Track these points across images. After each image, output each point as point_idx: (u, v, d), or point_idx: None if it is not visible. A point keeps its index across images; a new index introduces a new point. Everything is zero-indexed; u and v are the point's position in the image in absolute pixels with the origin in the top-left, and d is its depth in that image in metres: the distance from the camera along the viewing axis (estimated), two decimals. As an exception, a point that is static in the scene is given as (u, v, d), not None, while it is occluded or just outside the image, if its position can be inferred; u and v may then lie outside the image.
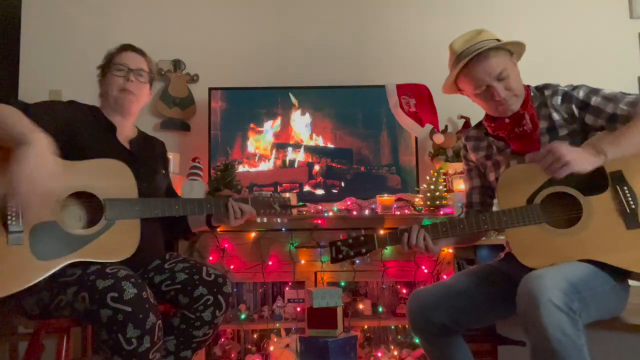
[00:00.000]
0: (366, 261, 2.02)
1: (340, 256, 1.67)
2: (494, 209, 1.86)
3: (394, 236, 1.66)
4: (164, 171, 1.98)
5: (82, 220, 1.65)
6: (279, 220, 2.21)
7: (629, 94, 1.61)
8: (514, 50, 1.72)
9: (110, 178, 1.65)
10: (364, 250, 1.67)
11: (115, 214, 1.63)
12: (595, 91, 1.63)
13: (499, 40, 1.68)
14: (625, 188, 1.55)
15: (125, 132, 1.89)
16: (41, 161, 1.39)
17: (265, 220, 2.21)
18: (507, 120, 1.70)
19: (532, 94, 1.71)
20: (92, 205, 1.64)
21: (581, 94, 1.64)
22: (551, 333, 1.30)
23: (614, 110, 1.57)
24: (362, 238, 1.67)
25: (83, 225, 1.63)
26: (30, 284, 1.49)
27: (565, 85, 1.70)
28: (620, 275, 1.53)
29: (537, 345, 1.34)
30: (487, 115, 1.79)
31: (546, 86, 1.72)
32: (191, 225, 1.95)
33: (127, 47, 1.91)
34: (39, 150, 1.39)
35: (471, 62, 1.66)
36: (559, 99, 1.66)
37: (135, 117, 1.93)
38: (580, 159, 1.45)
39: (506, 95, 1.66)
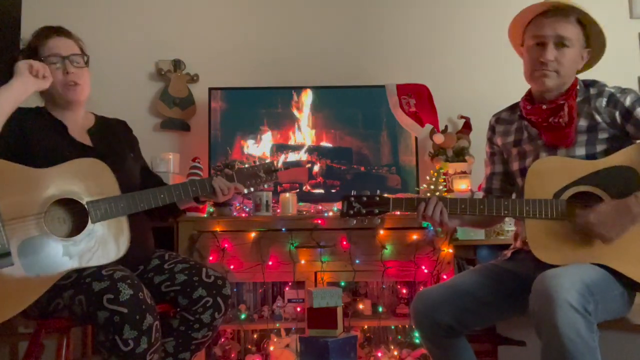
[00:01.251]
0: (375, 223, 1.87)
1: (352, 212, 1.62)
2: (513, 196, 1.81)
3: (410, 203, 1.61)
4: (132, 154, 1.89)
5: (69, 227, 1.62)
6: (266, 185, 2.09)
7: None
8: (593, 42, 1.67)
9: (88, 178, 1.61)
10: (377, 211, 1.61)
11: (101, 215, 1.59)
12: None
13: (597, 23, 1.65)
14: None
15: (80, 124, 1.80)
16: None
17: (252, 190, 2.12)
18: (544, 107, 1.64)
19: (578, 87, 1.66)
20: (76, 210, 1.61)
21: (628, 101, 1.58)
22: (565, 334, 1.28)
23: None
24: (377, 198, 1.62)
25: (71, 231, 1.60)
26: (30, 303, 1.48)
27: (614, 86, 1.64)
28: (630, 284, 1.51)
29: (550, 345, 1.32)
30: (526, 95, 1.74)
31: (593, 83, 1.67)
32: (179, 204, 1.88)
33: (49, 33, 1.74)
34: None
35: (549, 11, 1.62)
36: (603, 101, 1.61)
37: (84, 104, 1.82)
38: (621, 230, 1.44)
39: (551, 64, 1.60)
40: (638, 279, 1.48)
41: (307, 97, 2.78)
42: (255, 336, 2.52)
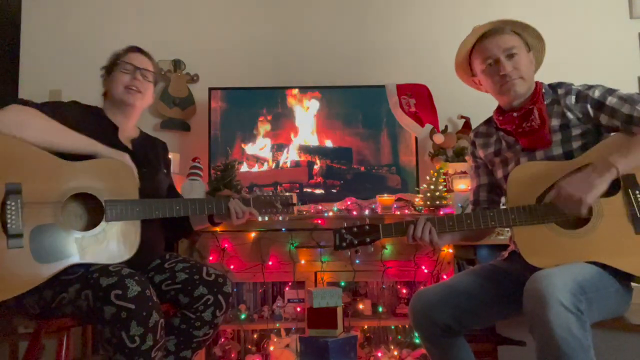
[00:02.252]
0: (369, 250, 1.97)
1: (344, 244, 1.65)
2: (501, 207, 1.85)
3: (399, 227, 1.64)
4: (165, 171, 1.98)
5: (83, 222, 1.64)
6: (280, 218, 2.19)
7: None
8: (532, 44, 1.74)
9: (111, 179, 1.65)
10: (368, 240, 1.64)
11: (116, 215, 1.62)
12: (611, 91, 1.63)
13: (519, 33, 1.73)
14: (637, 192, 1.54)
15: (127, 132, 1.89)
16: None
17: (266, 218, 2.20)
18: (515, 114, 1.69)
19: (543, 90, 1.71)
20: (92, 207, 1.63)
21: (597, 93, 1.63)
22: (558, 333, 1.29)
23: (631, 112, 1.56)
24: (367, 227, 1.65)
25: (84, 227, 1.63)
26: (31, 287, 1.48)
27: (580, 84, 1.70)
28: (624, 278, 1.53)
29: (544, 345, 1.33)
30: (497, 108, 1.80)
31: (559, 84, 1.72)
32: (193, 224, 1.95)
33: (134, 49, 1.93)
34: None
35: (486, 35, 1.70)
36: (572, 99, 1.66)
37: (137, 118, 1.93)
38: (590, 187, 1.45)
39: (512, 72, 1.67)
40: (631, 270, 1.50)
41: (307, 97, 2.79)
42: (255, 336, 2.52)
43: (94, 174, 1.62)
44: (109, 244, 1.60)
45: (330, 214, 2.39)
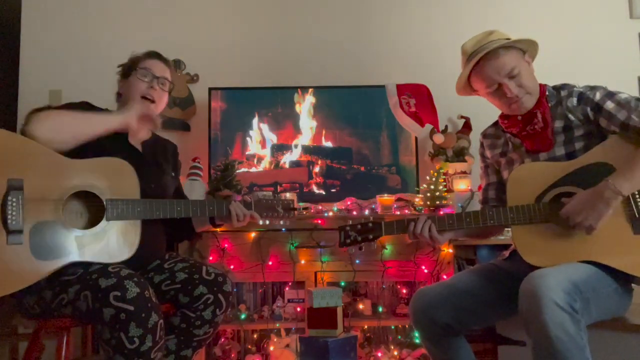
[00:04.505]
0: (372, 247, 2.01)
1: (348, 241, 1.71)
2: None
3: (400, 225, 1.69)
4: (173, 174, 1.97)
5: (84, 220, 1.64)
6: (281, 222, 2.21)
7: None
8: (527, 48, 1.72)
9: (113, 177, 1.64)
10: (370, 237, 1.70)
11: (117, 214, 1.62)
12: (611, 95, 1.62)
13: (509, 39, 1.69)
14: (636, 193, 1.54)
15: (138, 135, 1.88)
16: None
17: (267, 222, 2.21)
18: (519, 118, 1.70)
19: (547, 93, 1.71)
20: (94, 205, 1.63)
21: (597, 96, 1.63)
22: (553, 332, 1.29)
23: (626, 120, 1.56)
24: (370, 224, 1.71)
25: (84, 225, 1.63)
26: (29, 284, 1.48)
27: (583, 85, 1.69)
28: (623, 279, 1.53)
29: (539, 345, 1.33)
30: (502, 113, 1.80)
31: (563, 86, 1.72)
32: (195, 226, 1.95)
33: (154, 55, 1.92)
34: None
35: (482, 61, 1.68)
36: (574, 100, 1.66)
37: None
38: (599, 216, 1.47)
39: (518, 93, 1.67)
40: (629, 270, 1.50)
41: (307, 97, 2.79)
42: (255, 336, 2.52)
43: (96, 172, 1.62)
44: (109, 242, 1.60)
45: (330, 214, 2.39)
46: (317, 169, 2.75)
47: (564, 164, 1.62)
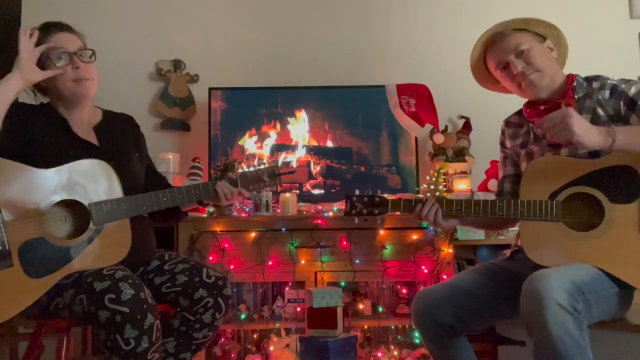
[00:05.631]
0: (377, 223, 2.05)
1: (354, 211, 1.70)
2: None
3: (407, 204, 1.67)
4: (137, 154, 1.85)
5: (69, 225, 1.60)
6: (269, 189, 2.06)
7: None
8: (546, 33, 1.72)
9: (91, 180, 1.59)
10: (376, 211, 1.69)
11: (103, 217, 1.58)
12: None
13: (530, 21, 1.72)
14: None
15: (86, 120, 1.77)
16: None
17: (255, 193, 2.13)
18: (542, 108, 1.66)
19: (575, 83, 1.66)
20: (78, 212, 1.59)
21: (632, 90, 1.55)
22: (555, 333, 1.29)
23: None
24: (377, 199, 1.69)
25: (72, 231, 1.59)
26: (29, 304, 1.47)
27: (617, 79, 1.63)
28: (625, 282, 1.50)
29: (540, 345, 1.33)
30: (527, 101, 1.77)
31: (596, 77, 1.67)
32: (181, 206, 1.87)
33: (52, 29, 1.71)
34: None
35: (492, 42, 1.72)
36: (607, 93, 1.59)
37: (91, 100, 1.78)
38: (586, 131, 1.40)
39: (524, 69, 1.64)
40: (629, 280, 1.48)
41: (307, 97, 2.78)
42: (255, 336, 2.52)
43: (73, 178, 1.57)
44: (101, 247, 1.57)
45: (330, 214, 2.39)
46: (317, 169, 2.75)
47: (585, 162, 1.55)
